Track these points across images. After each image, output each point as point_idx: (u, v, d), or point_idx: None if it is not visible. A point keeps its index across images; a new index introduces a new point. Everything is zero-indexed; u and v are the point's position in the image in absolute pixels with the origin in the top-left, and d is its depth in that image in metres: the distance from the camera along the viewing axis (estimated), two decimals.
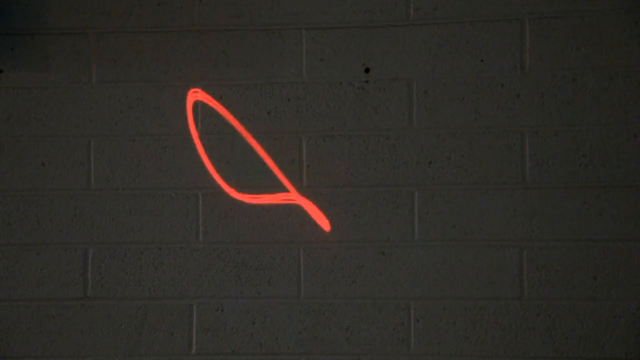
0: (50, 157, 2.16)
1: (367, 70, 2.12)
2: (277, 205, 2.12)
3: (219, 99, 2.14)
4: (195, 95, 2.14)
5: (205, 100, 2.13)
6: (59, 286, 2.15)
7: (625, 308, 2.04)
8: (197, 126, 2.14)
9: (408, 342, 2.10)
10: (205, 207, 2.14)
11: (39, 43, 2.17)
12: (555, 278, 2.06)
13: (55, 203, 2.16)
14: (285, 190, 2.12)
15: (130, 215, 2.15)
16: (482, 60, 2.10)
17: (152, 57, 2.16)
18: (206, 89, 2.15)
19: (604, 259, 2.05)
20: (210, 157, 2.13)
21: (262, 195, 2.12)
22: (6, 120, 2.17)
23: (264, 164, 2.12)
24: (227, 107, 2.14)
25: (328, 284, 2.11)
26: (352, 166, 2.12)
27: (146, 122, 2.16)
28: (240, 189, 2.13)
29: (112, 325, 2.15)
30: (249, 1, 2.15)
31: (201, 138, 2.14)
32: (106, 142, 2.16)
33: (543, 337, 2.06)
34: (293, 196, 2.11)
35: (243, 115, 2.14)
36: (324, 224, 2.11)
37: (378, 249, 2.10)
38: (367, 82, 2.12)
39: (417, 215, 2.10)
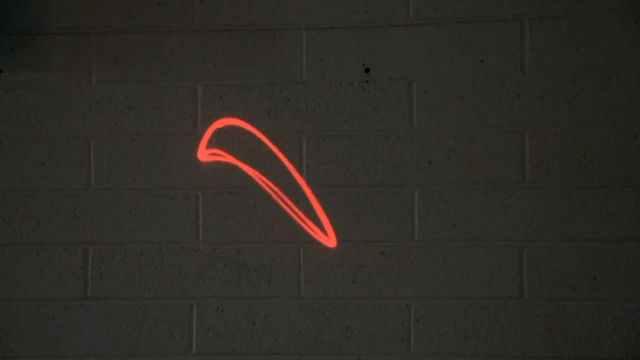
0: (50, 157, 2.16)
1: (367, 70, 2.12)
2: (278, 205, 2.12)
3: (219, 99, 2.14)
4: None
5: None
6: (59, 286, 2.15)
7: (625, 308, 2.04)
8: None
9: (408, 342, 2.10)
10: (205, 207, 2.14)
11: (39, 43, 2.17)
12: (555, 278, 2.06)
13: (55, 203, 2.16)
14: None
15: (130, 215, 2.15)
16: (482, 60, 2.09)
17: (152, 57, 2.16)
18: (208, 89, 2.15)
19: (604, 259, 2.05)
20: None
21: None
22: (6, 120, 2.17)
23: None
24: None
25: (328, 284, 2.11)
26: (352, 166, 2.12)
27: (146, 122, 2.16)
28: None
29: (112, 325, 2.15)
30: (249, 1, 2.15)
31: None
32: (106, 142, 2.16)
33: (543, 337, 2.06)
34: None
35: (242, 115, 2.14)
36: (324, 223, 2.11)
37: (378, 249, 2.10)
38: (367, 82, 2.12)
39: (417, 215, 2.10)
